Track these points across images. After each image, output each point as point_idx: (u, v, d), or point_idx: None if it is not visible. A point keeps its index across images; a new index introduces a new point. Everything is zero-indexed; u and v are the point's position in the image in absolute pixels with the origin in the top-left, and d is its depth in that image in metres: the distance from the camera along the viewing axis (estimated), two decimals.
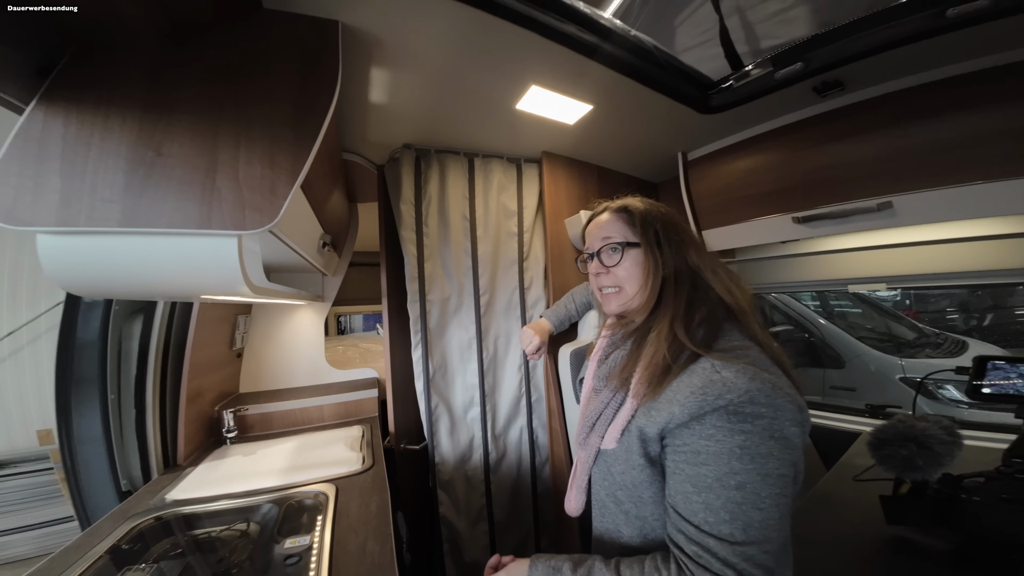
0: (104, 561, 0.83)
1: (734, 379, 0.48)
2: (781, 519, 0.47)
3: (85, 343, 1.19)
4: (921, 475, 0.72)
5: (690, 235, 0.65)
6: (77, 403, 1.22)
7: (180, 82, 0.58)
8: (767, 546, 0.46)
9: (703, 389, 0.49)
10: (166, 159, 0.55)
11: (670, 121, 1.27)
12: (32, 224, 0.50)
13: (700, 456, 0.49)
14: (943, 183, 0.91)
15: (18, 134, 0.51)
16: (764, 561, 0.46)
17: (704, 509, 0.47)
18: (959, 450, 0.71)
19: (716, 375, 0.49)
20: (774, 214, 1.19)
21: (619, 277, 0.64)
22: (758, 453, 0.46)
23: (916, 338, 2.78)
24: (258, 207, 0.58)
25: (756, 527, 0.46)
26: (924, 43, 0.86)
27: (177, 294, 0.66)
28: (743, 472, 0.46)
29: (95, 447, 1.22)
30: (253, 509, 1.07)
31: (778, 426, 0.47)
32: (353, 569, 0.78)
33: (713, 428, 0.48)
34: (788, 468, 0.47)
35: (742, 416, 0.47)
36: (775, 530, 0.46)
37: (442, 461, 1.39)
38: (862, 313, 3.17)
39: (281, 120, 0.63)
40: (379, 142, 1.31)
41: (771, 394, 0.47)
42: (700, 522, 0.47)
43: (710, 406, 0.48)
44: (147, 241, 0.55)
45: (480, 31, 0.83)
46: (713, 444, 0.48)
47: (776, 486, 0.46)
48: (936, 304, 3.91)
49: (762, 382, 0.48)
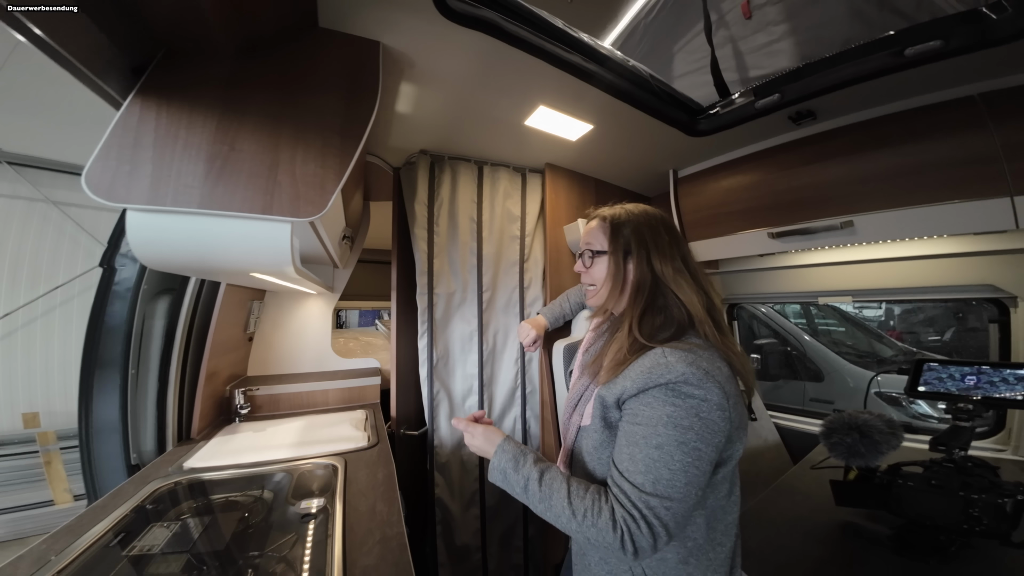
0: (130, 518, 0.89)
1: (675, 363, 0.58)
2: (687, 485, 0.55)
3: (112, 319, 1.27)
4: (863, 462, 0.83)
5: (661, 245, 0.70)
6: (100, 375, 1.29)
7: (252, 89, 0.70)
8: (668, 503, 0.55)
9: (650, 369, 0.59)
10: (238, 154, 0.66)
11: (662, 142, 1.41)
12: (126, 201, 0.61)
13: (637, 417, 0.59)
14: (898, 204, 1.04)
15: (118, 123, 0.62)
16: (663, 515, 0.55)
17: (628, 459, 0.58)
18: (897, 441, 0.82)
19: (663, 359, 0.59)
20: (752, 229, 1.32)
21: (594, 278, 0.76)
22: (681, 425, 0.56)
23: (894, 355, 2.91)
24: (310, 200, 0.70)
25: (663, 484, 0.55)
26: (883, 79, 0.99)
27: (232, 270, 0.77)
28: (664, 436, 0.56)
29: (110, 420, 1.28)
30: (267, 477, 1.14)
31: (705, 409, 0.56)
32: (365, 525, 0.85)
33: (652, 398, 0.59)
34: (705, 445, 0.56)
35: (676, 393, 0.57)
36: (679, 492, 0.55)
37: (440, 444, 1.48)
38: (846, 332, 3.32)
39: (331, 127, 0.75)
40: (398, 147, 1.44)
41: (702, 379, 0.57)
42: (624, 469, 0.58)
43: (654, 382, 0.58)
44: (218, 222, 0.66)
45: (498, 57, 0.96)
46: (648, 410, 0.58)
47: (689, 456, 0.55)
48: (917, 324, 4.07)
49: (697, 368, 0.57)
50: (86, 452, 1.27)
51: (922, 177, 1.03)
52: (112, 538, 0.81)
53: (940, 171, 1.00)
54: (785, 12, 1.39)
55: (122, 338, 1.28)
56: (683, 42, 1.77)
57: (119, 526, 0.85)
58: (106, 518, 0.85)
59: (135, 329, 1.29)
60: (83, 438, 1.28)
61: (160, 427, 1.34)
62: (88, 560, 0.74)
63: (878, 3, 1.19)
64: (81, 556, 0.74)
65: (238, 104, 0.68)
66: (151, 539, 0.83)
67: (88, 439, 1.28)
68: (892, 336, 3.38)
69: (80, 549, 0.75)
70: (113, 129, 0.63)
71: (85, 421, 1.29)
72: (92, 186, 0.60)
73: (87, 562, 0.73)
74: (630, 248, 0.71)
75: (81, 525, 0.83)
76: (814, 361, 2.69)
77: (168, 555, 0.78)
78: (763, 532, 0.90)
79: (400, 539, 0.81)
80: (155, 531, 0.86)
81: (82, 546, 0.75)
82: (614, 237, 0.73)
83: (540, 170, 1.64)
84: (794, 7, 1.36)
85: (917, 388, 0.95)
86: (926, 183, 1.02)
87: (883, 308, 4.29)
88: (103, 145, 0.62)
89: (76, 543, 0.76)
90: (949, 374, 0.90)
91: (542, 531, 1.64)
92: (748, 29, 1.51)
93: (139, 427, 1.30)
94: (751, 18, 1.48)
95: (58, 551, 0.74)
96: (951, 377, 0.89)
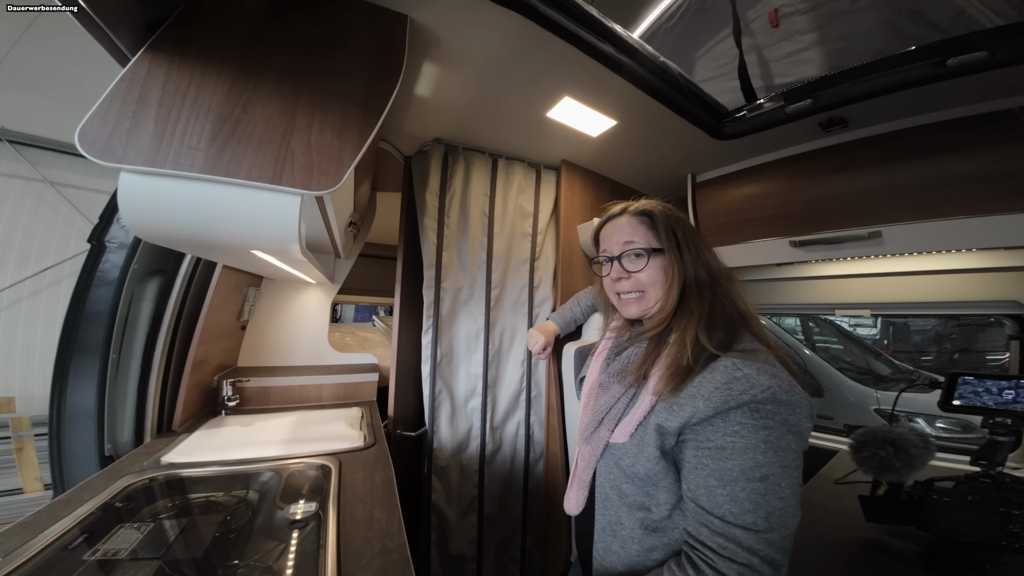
0: (96, 517, 0.80)
1: (756, 376, 0.50)
2: (797, 506, 0.50)
3: (97, 299, 1.19)
4: (897, 476, 0.79)
5: (706, 241, 0.66)
6: (78, 358, 1.20)
7: (272, 51, 0.64)
8: (785, 531, 0.48)
9: (727, 385, 0.51)
10: (250, 117, 0.60)
11: (684, 144, 1.37)
12: (122, 161, 0.54)
13: (725, 452, 0.50)
14: (927, 216, 1.01)
15: (124, 77, 0.55)
16: (784, 545, 0.49)
17: (729, 501, 0.49)
18: (931, 456, 0.79)
19: (739, 372, 0.51)
20: (773, 237, 1.29)
21: (642, 282, 0.65)
22: (779, 446, 0.49)
23: (892, 373, 2.92)
24: (324, 171, 0.63)
25: (777, 515, 0.48)
26: (919, 89, 0.97)
27: (232, 246, 0.70)
28: (767, 465, 0.48)
29: (85, 406, 1.19)
30: (252, 476, 1.06)
31: (795, 420, 0.50)
32: (362, 534, 0.78)
33: (738, 424, 0.50)
34: (800, 459, 0.51)
35: (764, 412, 0.50)
36: (792, 516, 0.49)
37: (440, 447, 1.41)
38: (843, 349, 3.32)
39: (352, 97, 0.69)
40: (412, 134, 1.38)
41: (789, 391, 0.50)
42: (725, 513, 0.49)
43: (735, 401, 0.50)
44: (222, 191, 0.59)
45: (528, 40, 0.91)
46: (739, 440, 0.50)
47: (793, 476, 0.49)
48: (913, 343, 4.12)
49: (781, 379, 0.50)
50: (56, 439, 1.18)
51: (954, 190, 1.00)
52: (74, 538, 0.72)
53: (973, 184, 0.98)
54: (815, 22, 1.37)
55: (105, 320, 1.20)
56: (705, 48, 1.75)
57: (83, 524, 0.76)
58: (69, 515, 0.77)
59: (120, 311, 1.21)
60: (53, 424, 1.18)
61: (139, 417, 1.25)
62: (42, 563, 0.66)
63: (912, 16, 1.18)
64: (35, 558, 0.65)
65: (256, 66, 0.63)
66: (118, 541, 0.74)
67: (59, 425, 1.19)
68: (888, 354, 3.40)
69: (35, 550, 0.66)
70: (118, 83, 0.56)
71: (57, 405, 1.19)
72: (86, 143, 0.53)
73: (41, 565, 0.65)
74: (681, 243, 0.63)
75: (39, 522, 0.74)
76: (814, 376, 2.68)
77: (137, 560, 0.70)
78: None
79: (402, 552, 0.74)
80: (124, 532, 0.77)
81: (37, 546, 0.67)
82: (667, 231, 0.64)
83: (555, 167, 1.59)
84: (825, 17, 1.35)
85: (952, 402, 0.92)
86: (957, 196, 0.99)
87: (878, 327, 4.33)
88: (104, 99, 0.55)
89: (31, 542, 0.68)
90: (986, 388, 0.87)
91: (541, 542, 1.57)
92: (775, 37, 1.50)
93: (116, 416, 1.22)
94: (778, 26, 1.46)
95: (8, 551, 0.65)
96: (988, 391, 0.86)
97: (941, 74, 0.91)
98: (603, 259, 0.71)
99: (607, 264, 0.70)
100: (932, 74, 0.92)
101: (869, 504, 0.85)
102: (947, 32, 1.10)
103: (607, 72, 1.02)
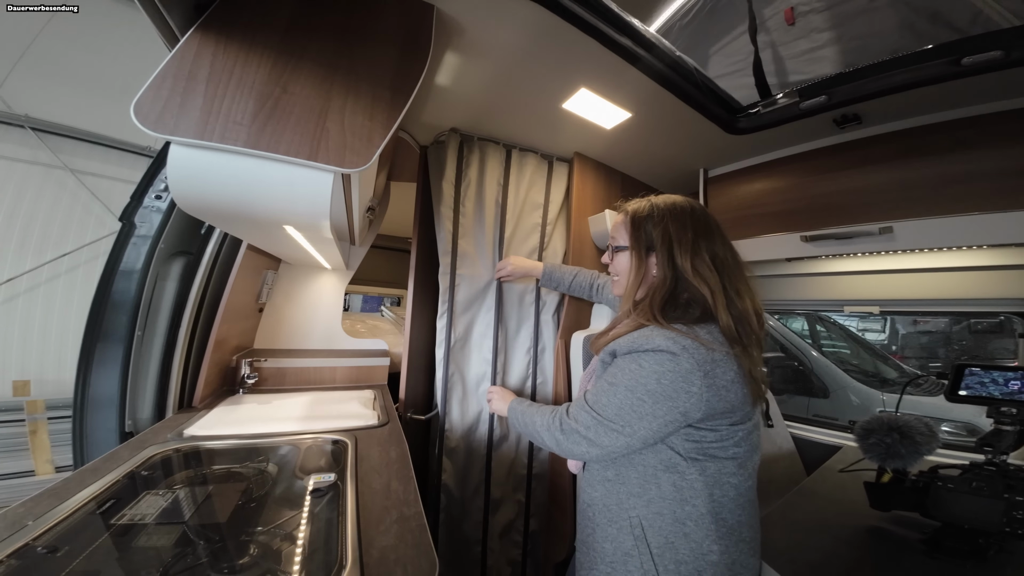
0: (122, 484, 0.83)
1: (655, 336, 0.64)
2: (617, 415, 0.66)
3: (125, 275, 1.23)
4: (902, 463, 0.81)
5: (685, 241, 0.72)
6: (105, 334, 1.24)
7: (310, 34, 0.67)
8: (595, 415, 0.68)
9: (635, 339, 0.67)
10: (290, 96, 0.63)
11: (697, 138, 1.39)
12: (174, 134, 0.58)
13: (609, 370, 0.71)
14: (939, 213, 1.02)
15: (175, 54, 0.59)
16: (584, 418, 0.69)
17: (593, 392, 0.71)
18: (937, 443, 0.80)
19: (649, 332, 0.66)
20: (784, 232, 1.31)
21: (617, 270, 0.82)
22: (638, 379, 0.64)
23: (899, 377, 2.91)
24: (356, 150, 0.67)
25: (600, 405, 0.68)
26: (935, 87, 0.98)
27: (267, 219, 0.74)
28: (619, 380, 0.67)
29: (110, 383, 1.23)
30: (272, 450, 1.09)
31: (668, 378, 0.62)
32: (380, 503, 0.81)
33: (628, 360, 0.67)
34: (652, 402, 0.63)
35: (646, 358, 0.65)
36: (607, 413, 0.66)
37: (451, 429, 1.45)
38: (851, 352, 3.31)
39: (382, 81, 0.72)
40: (430, 123, 1.41)
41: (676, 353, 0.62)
42: (587, 394, 0.72)
43: (634, 349, 0.67)
44: (262, 165, 0.63)
45: (549, 32, 0.93)
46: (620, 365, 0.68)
47: (630, 399, 0.64)
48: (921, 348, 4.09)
49: (674, 343, 0.63)
50: (79, 416, 1.21)
51: (967, 186, 1.01)
52: (100, 504, 0.74)
53: (987, 181, 0.99)
54: (831, 20, 1.38)
55: (132, 297, 1.24)
56: (719, 45, 1.76)
57: (109, 492, 0.78)
58: (95, 483, 0.79)
59: (146, 290, 1.25)
60: (78, 401, 1.22)
61: (161, 393, 1.29)
62: (69, 527, 0.67)
63: (930, 17, 1.18)
64: (62, 523, 0.67)
65: (295, 47, 0.66)
66: (143, 508, 0.76)
67: (83, 403, 1.22)
68: (896, 359, 3.38)
69: (62, 515, 0.68)
70: (170, 60, 0.60)
71: (83, 382, 1.23)
72: (141, 115, 0.57)
73: (68, 529, 0.66)
74: (652, 245, 0.74)
75: (67, 489, 0.76)
76: (820, 378, 2.68)
77: (161, 526, 0.72)
78: (790, 534, 0.88)
79: (419, 519, 0.77)
80: (148, 499, 0.79)
81: (65, 511, 0.69)
82: (635, 233, 0.76)
83: (567, 159, 1.61)
84: (841, 16, 1.35)
85: (958, 392, 0.93)
86: (971, 192, 1.00)
87: (886, 332, 4.30)
88: (158, 75, 0.59)
89: (58, 508, 0.69)
90: (992, 379, 0.89)
91: (545, 527, 1.60)
92: (790, 35, 1.50)
93: (138, 392, 1.25)
94: (794, 24, 1.47)
95: (37, 515, 0.67)
96: (994, 382, 0.88)
97: (956, 72, 0.92)
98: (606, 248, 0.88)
99: (607, 251, 0.86)
100: (947, 72, 0.93)
101: (874, 491, 0.87)
102: (964, 32, 1.10)
103: (624, 64, 1.05)
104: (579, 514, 0.81)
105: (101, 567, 0.60)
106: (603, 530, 0.71)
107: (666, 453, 0.67)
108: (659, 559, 0.65)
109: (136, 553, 0.64)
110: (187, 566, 0.62)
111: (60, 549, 0.61)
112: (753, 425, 0.69)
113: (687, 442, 0.66)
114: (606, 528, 0.71)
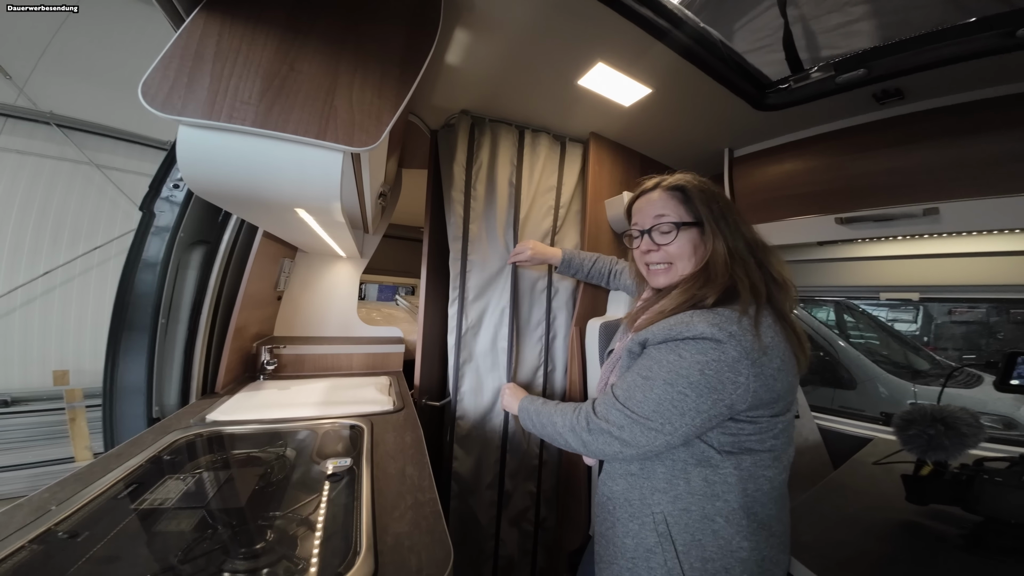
0: (145, 469, 0.84)
1: (697, 323, 0.58)
2: (655, 412, 0.59)
3: (147, 265, 1.26)
4: (945, 456, 0.76)
5: (744, 216, 0.69)
6: (130, 322, 1.27)
7: (318, 11, 0.65)
8: (629, 413, 0.61)
9: (673, 325, 0.60)
10: (297, 75, 0.62)
11: (722, 116, 1.31)
12: (182, 114, 0.57)
13: (643, 360, 0.64)
14: (991, 193, 0.94)
15: (182, 34, 0.58)
16: (616, 417, 0.62)
17: (618, 385, 0.65)
18: (983, 435, 0.75)
19: (688, 319, 0.60)
20: (817, 214, 1.23)
21: (670, 254, 0.69)
22: (678, 372, 0.58)
23: (931, 368, 2.77)
24: (365, 129, 0.65)
25: (633, 402, 0.61)
26: (985, 61, 0.89)
27: (279, 201, 0.73)
28: (656, 373, 0.60)
29: (137, 370, 1.26)
30: (290, 434, 1.11)
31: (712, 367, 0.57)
32: (395, 488, 0.81)
33: (666, 348, 0.61)
34: (696, 395, 0.57)
35: (687, 347, 0.58)
36: (644, 412, 0.60)
37: (463, 415, 1.45)
38: (880, 342, 3.17)
39: (391, 58, 0.69)
40: (440, 106, 1.38)
41: (722, 340, 0.56)
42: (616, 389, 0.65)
43: (672, 337, 0.60)
44: (271, 145, 0.62)
45: (564, 4, 0.88)
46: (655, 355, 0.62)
47: (670, 393, 0.58)
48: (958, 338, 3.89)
49: (719, 329, 0.56)
50: (108, 403, 1.24)
51: (1021, 166, 0.93)
52: (122, 489, 0.75)
53: None
54: None
55: (155, 286, 1.26)
56: (745, 19, 1.65)
57: (132, 476, 0.79)
58: (119, 467, 0.81)
59: (168, 278, 1.27)
60: (107, 388, 1.25)
61: (185, 380, 1.32)
62: (92, 512, 0.68)
63: None
64: (85, 507, 0.68)
65: (301, 24, 0.64)
66: (164, 492, 0.77)
67: (113, 391, 1.25)
68: (929, 350, 3.22)
69: (85, 499, 0.69)
70: (176, 40, 0.59)
71: (112, 370, 1.27)
72: (148, 96, 0.56)
73: (91, 514, 0.67)
74: (722, 216, 0.67)
75: (92, 473, 0.78)
76: (848, 368, 2.58)
77: (181, 510, 0.72)
78: (818, 528, 0.84)
79: (434, 506, 0.76)
80: (170, 484, 0.80)
81: (88, 496, 0.70)
82: (700, 206, 0.68)
83: (581, 140, 1.56)
84: None
85: (1010, 381, 0.87)
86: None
87: (919, 322, 4.09)
88: (164, 56, 0.58)
89: (82, 492, 0.70)
90: None
91: (559, 515, 1.60)
92: (822, 9, 1.39)
93: (164, 379, 1.28)
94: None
95: (61, 500, 0.68)
96: None
97: (1010, 45, 0.84)
98: (635, 232, 0.76)
99: (638, 237, 0.74)
100: (1000, 45, 0.85)
101: (912, 484, 0.82)
102: (1013, 4, 1.00)
103: (645, 36, 0.98)
104: (598, 506, 0.77)
105: (122, 552, 0.61)
106: (624, 525, 0.68)
107: (699, 447, 0.62)
108: (684, 556, 0.61)
109: (156, 537, 0.65)
110: (205, 551, 0.62)
111: (81, 534, 0.62)
112: (793, 416, 0.65)
113: (723, 435, 0.61)
114: (627, 523, 0.68)
